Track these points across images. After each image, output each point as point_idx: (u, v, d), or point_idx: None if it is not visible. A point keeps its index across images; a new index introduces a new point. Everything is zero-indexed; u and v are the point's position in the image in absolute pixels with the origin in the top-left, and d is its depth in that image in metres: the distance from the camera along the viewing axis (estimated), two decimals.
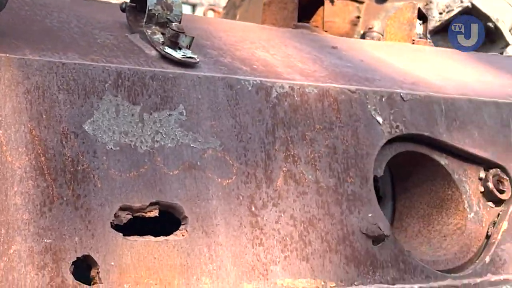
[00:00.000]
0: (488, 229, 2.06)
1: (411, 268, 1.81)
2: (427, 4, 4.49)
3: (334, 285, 1.67)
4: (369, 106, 1.89)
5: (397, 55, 2.39)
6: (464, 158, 2.06)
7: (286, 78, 1.82)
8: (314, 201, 1.71)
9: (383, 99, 1.92)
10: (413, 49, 2.59)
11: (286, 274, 1.61)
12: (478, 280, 1.92)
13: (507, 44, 4.14)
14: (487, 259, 1.99)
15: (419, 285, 1.79)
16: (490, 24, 4.10)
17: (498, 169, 2.09)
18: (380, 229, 1.76)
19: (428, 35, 4.48)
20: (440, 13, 4.46)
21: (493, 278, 1.96)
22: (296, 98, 1.77)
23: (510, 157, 2.13)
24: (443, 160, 2.03)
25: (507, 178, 2.10)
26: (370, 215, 1.77)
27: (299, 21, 2.55)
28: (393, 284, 1.76)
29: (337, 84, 1.88)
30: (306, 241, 1.67)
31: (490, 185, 2.06)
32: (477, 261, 1.99)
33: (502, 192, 2.08)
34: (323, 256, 1.68)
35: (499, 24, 4.06)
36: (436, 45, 4.30)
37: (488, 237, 2.05)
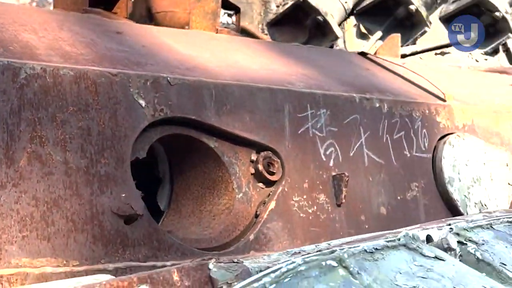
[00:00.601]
0: (258, 208, 2.16)
1: (165, 246, 1.87)
2: None
3: (77, 263, 1.70)
4: (131, 90, 1.93)
5: (186, 43, 2.44)
6: (235, 141, 2.14)
7: (42, 60, 1.82)
8: (61, 181, 1.73)
9: (148, 83, 1.97)
10: (210, 37, 2.66)
11: (23, 253, 1.62)
12: (240, 257, 2.00)
13: (337, 37, 4.33)
14: (252, 237, 2.08)
15: (172, 262, 1.85)
16: (320, 18, 4.27)
17: (270, 152, 2.20)
18: (133, 209, 1.81)
19: (265, 27, 4.61)
20: (277, 6, 4.60)
21: (256, 254, 2.05)
22: (49, 80, 1.78)
23: (282, 141, 2.24)
24: (213, 143, 2.10)
25: (278, 161, 2.21)
26: (123, 195, 1.81)
27: (96, 6, 2.55)
28: (145, 261, 1.81)
29: (99, 67, 1.91)
30: (48, 221, 1.68)
31: (260, 167, 2.16)
32: (242, 239, 2.08)
33: (272, 173, 2.19)
34: (67, 236, 1.70)
35: (328, 18, 4.23)
36: (272, 37, 4.44)
37: (257, 216, 2.15)
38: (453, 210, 2.65)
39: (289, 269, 1.14)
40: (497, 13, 4.33)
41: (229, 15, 3.05)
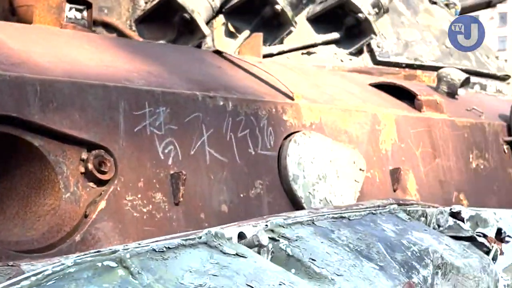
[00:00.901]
0: (87, 209, 2.11)
1: None
2: None
3: None
4: None
5: (21, 37, 2.35)
6: (63, 139, 2.08)
7: None
8: None
9: None
10: (50, 32, 2.57)
11: None
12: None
13: (204, 35, 4.32)
14: (78, 237, 2.03)
15: None
16: (186, 15, 4.24)
17: (102, 150, 2.15)
18: None
19: (133, 24, 4.53)
20: (146, 3, 4.54)
21: None
22: None
23: (116, 139, 2.19)
24: (38, 141, 2.03)
25: (111, 159, 2.16)
26: None
27: None
28: None
29: None
30: None
31: (90, 166, 2.11)
32: (68, 240, 2.02)
33: (103, 172, 2.14)
34: None
35: (195, 16, 4.21)
36: (140, 34, 4.37)
37: (86, 216, 2.10)
38: (297, 206, 2.70)
39: (55, 272, 1.10)
40: (360, 15, 4.46)
41: (78, 10, 2.96)
